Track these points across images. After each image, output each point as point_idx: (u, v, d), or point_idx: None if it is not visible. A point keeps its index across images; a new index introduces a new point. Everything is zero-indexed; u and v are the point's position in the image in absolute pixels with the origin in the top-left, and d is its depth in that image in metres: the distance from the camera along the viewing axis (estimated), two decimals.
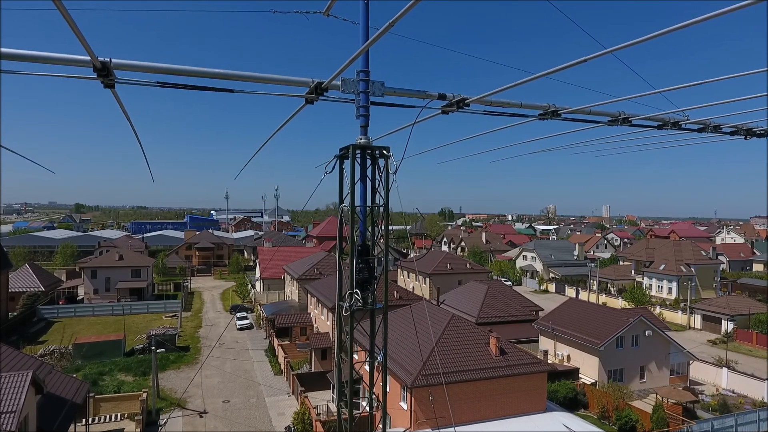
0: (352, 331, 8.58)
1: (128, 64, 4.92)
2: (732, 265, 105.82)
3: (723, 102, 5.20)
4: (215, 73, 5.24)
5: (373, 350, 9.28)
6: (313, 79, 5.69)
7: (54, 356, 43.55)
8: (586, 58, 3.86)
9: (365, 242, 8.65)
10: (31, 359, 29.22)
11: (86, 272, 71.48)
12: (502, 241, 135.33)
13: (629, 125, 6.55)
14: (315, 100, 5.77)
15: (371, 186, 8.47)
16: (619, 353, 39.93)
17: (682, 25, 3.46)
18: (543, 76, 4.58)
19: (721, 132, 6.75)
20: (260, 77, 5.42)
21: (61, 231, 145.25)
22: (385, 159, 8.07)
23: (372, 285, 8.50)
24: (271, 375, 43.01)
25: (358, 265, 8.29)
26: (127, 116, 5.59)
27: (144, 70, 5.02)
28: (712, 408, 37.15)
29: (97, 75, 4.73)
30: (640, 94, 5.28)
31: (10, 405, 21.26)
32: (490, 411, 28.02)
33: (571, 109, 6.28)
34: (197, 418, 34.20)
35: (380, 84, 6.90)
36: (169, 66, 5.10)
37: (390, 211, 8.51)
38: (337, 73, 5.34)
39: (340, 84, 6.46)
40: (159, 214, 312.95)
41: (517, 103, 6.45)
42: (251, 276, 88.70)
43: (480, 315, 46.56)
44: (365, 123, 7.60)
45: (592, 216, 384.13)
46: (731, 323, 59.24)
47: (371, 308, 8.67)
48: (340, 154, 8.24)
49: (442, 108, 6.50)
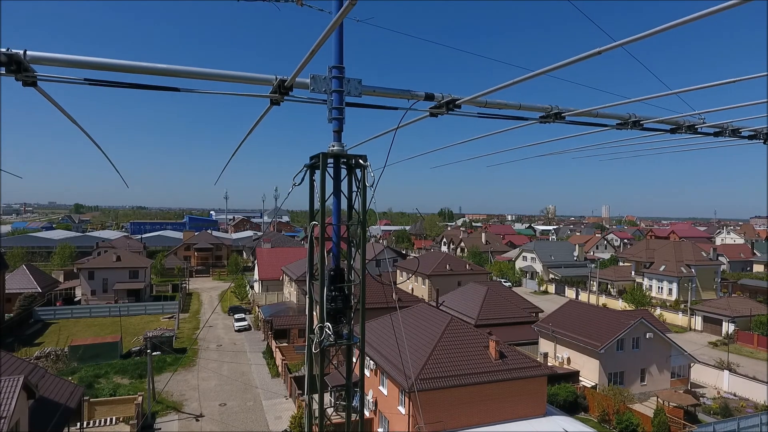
0: (322, 370, 7.14)
1: (49, 58, 4.19)
2: (732, 265, 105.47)
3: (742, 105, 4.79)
4: (158, 69, 4.55)
5: (350, 392, 7.87)
6: (277, 76, 5.03)
7: (50, 358, 43.12)
8: (600, 50, 3.40)
9: (339, 266, 7.31)
10: (24, 363, 28.84)
11: (83, 273, 71.05)
12: (501, 242, 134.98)
13: (640, 129, 6.04)
14: (280, 100, 5.10)
15: (347, 200, 7.34)
16: (620, 356, 39.58)
17: (698, 15, 3.06)
18: (544, 74, 4.08)
19: (739, 136, 6.29)
20: (215, 74, 4.77)
21: (60, 231, 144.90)
22: (362, 169, 6.96)
23: (347, 316, 7.19)
24: (269, 378, 42.61)
25: (330, 293, 7.00)
26: (67, 114, 4.81)
27: (69, 65, 4.27)
28: (713, 411, 36.80)
29: (6, 70, 3.99)
30: (653, 96, 4.84)
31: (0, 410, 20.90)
32: (490, 415, 27.66)
33: (576, 111, 5.73)
34: (193, 422, 33.81)
35: (357, 82, 6.05)
36: (100, 60, 4.35)
37: (368, 228, 7.32)
38: (300, 68, 4.67)
39: (309, 82, 5.69)
40: (158, 215, 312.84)
41: (516, 104, 5.85)
42: (250, 277, 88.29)
43: (479, 317, 46.23)
44: (339, 127, 6.65)
45: (592, 216, 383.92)
46: (732, 325, 58.88)
47: (346, 344, 7.25)
48: (311, 164, 7.08)
49: (430, 110, 5.83)
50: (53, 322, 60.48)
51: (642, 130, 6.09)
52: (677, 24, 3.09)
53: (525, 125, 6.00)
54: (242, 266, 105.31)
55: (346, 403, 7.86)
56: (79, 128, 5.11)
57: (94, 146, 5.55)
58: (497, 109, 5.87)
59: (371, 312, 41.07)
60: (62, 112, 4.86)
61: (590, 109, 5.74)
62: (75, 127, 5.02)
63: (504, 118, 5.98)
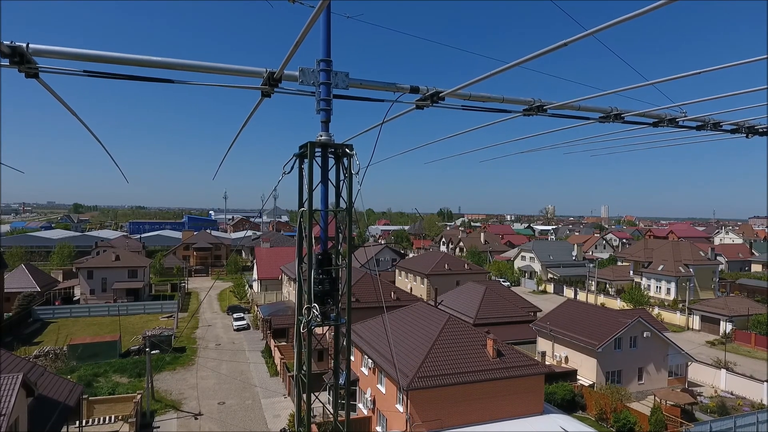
0: (310, 350, 7.62)
1: (50, 51, 4.35)
2: (730, 265, 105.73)
3: (722, 96, 4.86)
4: (153, 62, 4.71)
5: (337, 371, 8.38)
6: (267, 69, 5.19)
7: (49, 357, 43.22)
8: (565, 42, 3.53)
9: (327, 250, 7.79)
10: (23, 361, 28.94)
11: (82, 273, 71.09)
12: (500, 242, 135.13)
13: (622, 122, 6.12)
14: (271, 92, 5.26)
15: (335, 188, 7.75)
16: (618, 355, 39.71)
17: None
18: (519, 64, 4.18)
19: (721, 130, 6.36)
20: (207, 66, 4.91)
21: (59, 231, 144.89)
22: (348, 158, 7.36)
23: (335, 298, 7.60)
24: (267, 376, 42.71)
25: (318, 276, 7.40)
26: (69, 107, 5.00)
27: (69, 57, 4.44)
28: (710, 410, 36.94)
29: (9, 62, 4.12)
30: (632, 86, 4.91)
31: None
32: (487, 413, 27.77)
33: (558, 104, 5.83)
34: (192, 420, 33.90)
35: (344, 75, 6.26)
36: (98, 53, 4.55)
37: (355, 215, 7.73)
38: (287, 59, 4.82)
39: (298, 74, 5.88)
40: (157, 215, 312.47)
41: (499, 97, 5.96)
42: (249, 276, 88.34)
43: (477, 316, 46.35)
44: (326, 118, 6.94)
45: (591, 216, 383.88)
46: (730, 324, 59.03)
47: (334, 324, 7.75)
48: (300, 153, 7.50)
49: (416, 102, 5.96)
50: (52, 321, 60.55)
51: (624, 123, 6.18)
52: (641, 12, 3.17)
53: (509, 118, 6.14)
54: (241, 266, 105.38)
55: (333, 383, 8.28)
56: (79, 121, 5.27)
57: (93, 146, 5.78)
58: (481, 102, 6.00)
59: (369, 311, 41.19)
60: (63, 105, 5.02)
61: (572, 101, 5.85)
62: (74, 126, 5.24)
63: (488, 110, 6.09)
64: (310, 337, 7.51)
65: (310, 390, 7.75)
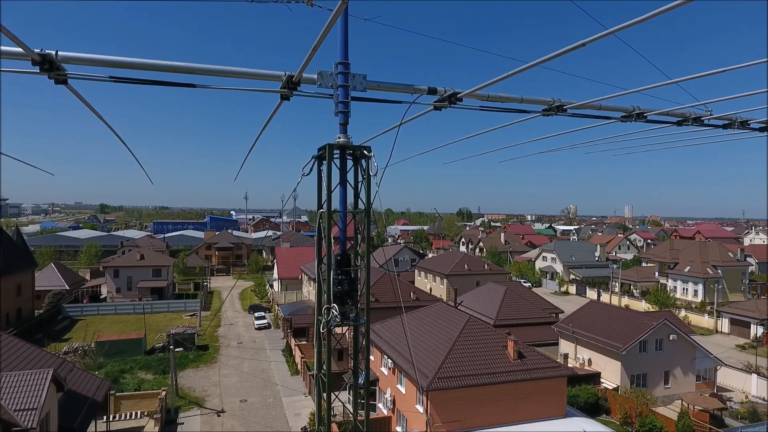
0: (329, 350, 7.73)
1: (78, 57, 4.49)
2: (761, 267, 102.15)
3: (750, 94, 4.71)
4: (176, 67, 4.82)
5: (357, 371, 8.49)
6: (286, 72, 5.25)
7: (77, 354, 44.50)
8: (584, 42, 3.48)
9: (345, 251, 7.84)
10: (53, 357, 29.84)
11: (109, 272, 73.02)
12: (521, 242, 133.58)
13: (645, 121, 5.95)
14: (290, 95, 5.34)
15: (354, 189, 7.80)
16: (643, 358, 38.86)
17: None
18: (538, 64, 4.14)
19: (749, 128, 6.17)
20: (228, 71, 5.01)
21: (86, 231, 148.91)
22: (366, 160, 7.42)
23: (354, 298, 7.64)
24: (288, 375, 43.13)
25: (337, 276, 7.45)
26: (96, 112, 5.15)
27: (95, 64, 4.59)
28: (741, 416, 35.84)
29: (40, 69, 4.27)
30: (654, 85, 4.78)
31: (31, 402, 21.69)
32: (508, 415, 27.50)
33: (578, 103, 5.72)
34: (215, 417, 34.46)
35: (362, 77, 6.29)
36: (124, 59, 4.68)
37: (374, 215, 7.79)
38: (305, 63, 4.89)
39: (316, 77, 5.94)
40: (180, 215, 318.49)
41: (518, 98, 5.90)
42: (269, 276, 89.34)
43: (498, 317, 45.93)
44: (345, 120, 6.96)
45: (614, 216, 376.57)
46: (761, 327, 57.15)
47: (353, 324, 7.83)
48: (318, 155, 7.56)
49: (434, 103, 5.95)
50: (80, 318, 62.32)
51: (647, 123, 6.03)
52: (663, 11, 3.11)
53: (528, 118, 6.08)
54: (262, 265, 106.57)
55: (353, 382, 8.37)
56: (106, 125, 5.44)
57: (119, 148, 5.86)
58: (500, 103, 5.96)
59: (389, 311, 41.20)
60: (90, 109, 5.18)
61: (592, 101, 5.76)
62: (101, 129, 5.39)
63: (507, 111, 6.04)
64: (330, 337, 7.63)
65: (330, 389, 7.86)
